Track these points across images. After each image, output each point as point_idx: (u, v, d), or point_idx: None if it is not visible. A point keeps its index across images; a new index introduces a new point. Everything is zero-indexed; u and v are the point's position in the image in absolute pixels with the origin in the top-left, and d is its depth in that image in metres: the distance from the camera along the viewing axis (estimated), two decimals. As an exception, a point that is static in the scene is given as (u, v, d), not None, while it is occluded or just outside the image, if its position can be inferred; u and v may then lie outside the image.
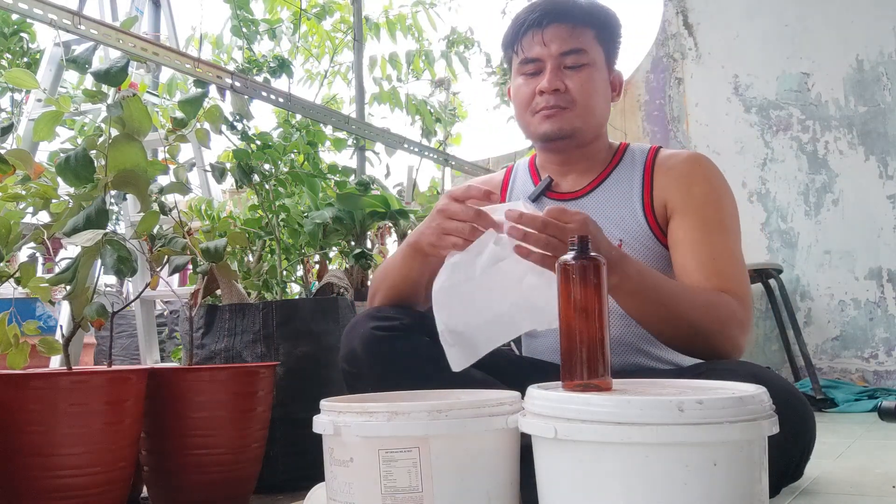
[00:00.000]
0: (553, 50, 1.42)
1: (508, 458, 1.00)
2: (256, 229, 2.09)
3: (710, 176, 1.43)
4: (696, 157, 1.46)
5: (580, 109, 1.43)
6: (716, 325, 1.25)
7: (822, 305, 3.60)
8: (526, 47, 1.45)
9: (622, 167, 1.50)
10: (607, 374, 0.92)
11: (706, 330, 1.24)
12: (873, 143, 3.56)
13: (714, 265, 1.33)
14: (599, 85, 1.45)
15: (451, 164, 3.49)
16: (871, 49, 3.58)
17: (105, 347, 2.45)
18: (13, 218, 1.36)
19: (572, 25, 1.43)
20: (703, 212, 1.38)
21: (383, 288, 1.43)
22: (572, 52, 1.42)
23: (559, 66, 1.42)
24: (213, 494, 1.47)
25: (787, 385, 1.20)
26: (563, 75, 1.42)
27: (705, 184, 1.41)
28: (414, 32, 3.42)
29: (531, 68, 1.44)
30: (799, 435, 1.16)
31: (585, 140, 1.47)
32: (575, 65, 1.42)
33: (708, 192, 1.40)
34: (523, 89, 1.46)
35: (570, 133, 1.44)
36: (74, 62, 1.46)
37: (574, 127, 1.44)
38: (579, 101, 1.42)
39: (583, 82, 1.42)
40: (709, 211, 1.38)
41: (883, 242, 3.50)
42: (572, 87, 1.42)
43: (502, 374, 1.36)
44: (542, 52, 1.43)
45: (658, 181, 1.44)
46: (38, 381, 1.22)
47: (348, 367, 1.33)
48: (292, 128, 2.30)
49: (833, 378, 3.47)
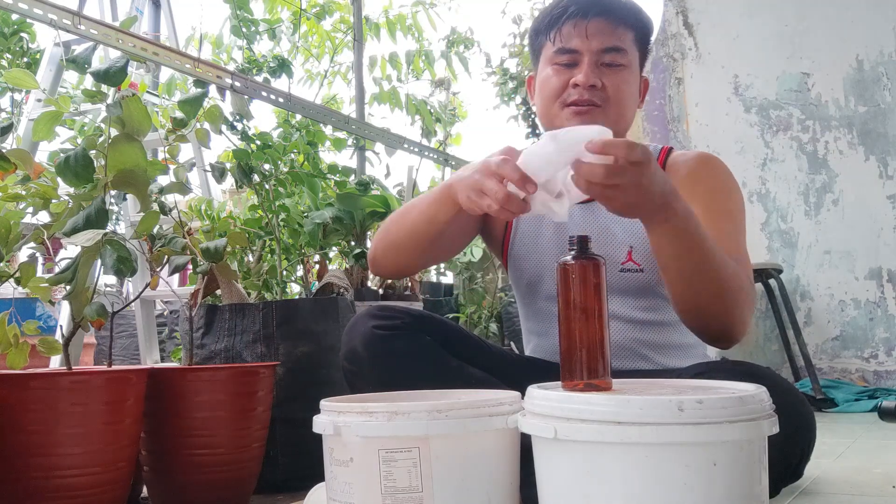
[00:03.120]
0: (594, 45, 1.36)
1: (508, 458, 1.00)
2: (256, 229, 2.09)
3: (718, 172, 1.41)
4: (705, 156, 1.45)
5: (612, 110, 1.37)
6: (736, 292, 1.19)
7: (822, 305, 3.60)
8: (565, 36, 1.38)
9: None
10: (607, 374, 0.92)
11: (728, 291, 1.18)
12: (873, 143, 3.56)
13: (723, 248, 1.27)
14: (633, 88, 1.41)
15: (451, 164, 3.49)
16: (871, 49, 3.57)
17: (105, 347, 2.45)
18: (13, 218, 1.36)
19: (616, 23, 1.37)
20: (710, 202, 1.35)
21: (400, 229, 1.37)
22: (613, 49, 1.36)
23: (597, 62, 1.37)
24: (213, 494, 1.47)
25: (787, 386, 1.19)
26: (601, 72, 1.37)
27: (713, 178, 1.40)
28: (414, 32, 3.43)
29: (566, 59, 1.38)
30: (799, 436, 1.16)
31: None
32: (613, 63, 1.37)
33: (716, 185, 1.39)
34: (553, 80, 1.39)
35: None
36: (74, 62, 1.46)
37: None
38: (613, 101, 1.37)
39: (619, 83, 1.37)
40: (716, 201, 1.36)
41: (883, 242, 3.50)
42: (609, 86, 1.36)
43: (502, 373, 1.36)
44: (582, 45, 1.36)
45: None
46: (38, 381, 1.22)
47: (349, 365, 1.33)
48: (292, 128, 2.30)
49: (833, 378, 3.47)
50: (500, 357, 1.46)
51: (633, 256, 1.39)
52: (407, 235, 1.36)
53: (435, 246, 1.37)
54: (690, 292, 1.18)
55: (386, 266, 1.46)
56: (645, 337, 1.41)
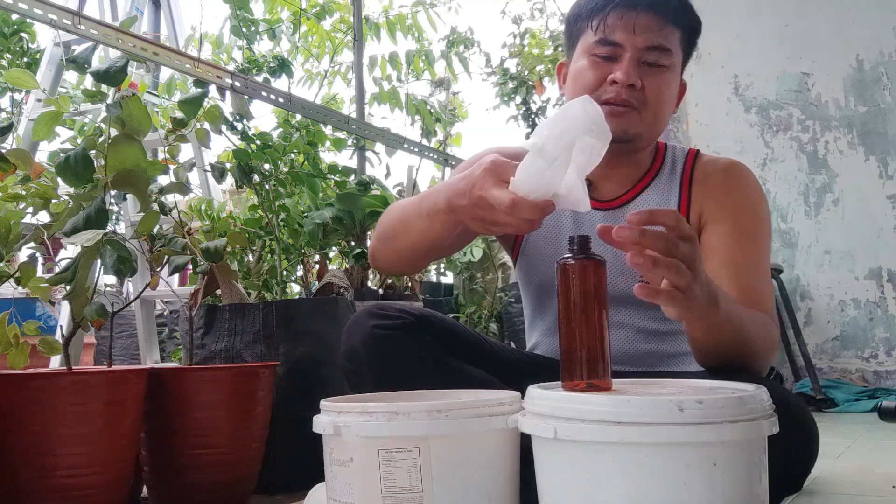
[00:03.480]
0: (640, 41, 1.26)
1: (508, 458, 1.00)
2: (256, 229, 2.09)
3: (746, 185, 1.36)
4: (733, 166, 1.39)
5: (650, 114, 1.29)
6: (766, 351, 1.19)
7: (822, 305, 3.60)
8: (609, 27, 1.28)
9: (662, 175, 1.41)
10: (607, 374, 0.92)
11: (759, 354, 1.18)
12: (873, 143, 3.56)
13: (747, 278, 1.26)
14: (673, 92, 1.33)
15: (451, 164, 3.49)
16: (871, 49, 3.58)
17: (105, 347, 2.45)
18: (13, 218, 1.36)
19: (665, 20, 1.28)
20: (737, 220, 1.31)
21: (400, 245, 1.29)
22: (658, 49, 1.27)
23: (639, 59, 1.27)
24: (213, 494, 1.46)
25: (790, 398, 1.17)
26: (642, 72, 1.28)
27: (741, 193, 1.34)
28: (414, 32, 3.43)
29: (606, 51, 1.29)
30: (804, 451, 1.13)
31: (641, 146, 1.37)
32: (656, 63, 1.28)
33: (743, 201, 1.33)
34: (589, 73, 1.30)
35: (632, 137, 1.31)
36: (74, 62, 1.46)
37: (638, 132, 1.31)
38: (651, 105, 1.29)
39: (661, 85, 1.29)
40: (743, 219, 1.31)
41: (883, 242, 3.50)
42: (649, 88, 1.28)
43: (504, 372, 1.36)
44: (627, 39, 1.27)
45: (695, 192, 1.37)
46: (38, 381, 1.22)
47: (349, 364, 1.32)
48: (292, 128, 2.30)
49: (833, 378, 3.47)
50: (502, 356, 1.45)
51: None
52: (409, 249, 1.29)
53: (438, 252, 1.35)
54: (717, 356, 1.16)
55: (386, 269, 1.45)
56: (657, 347, 1.39)
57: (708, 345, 1.13)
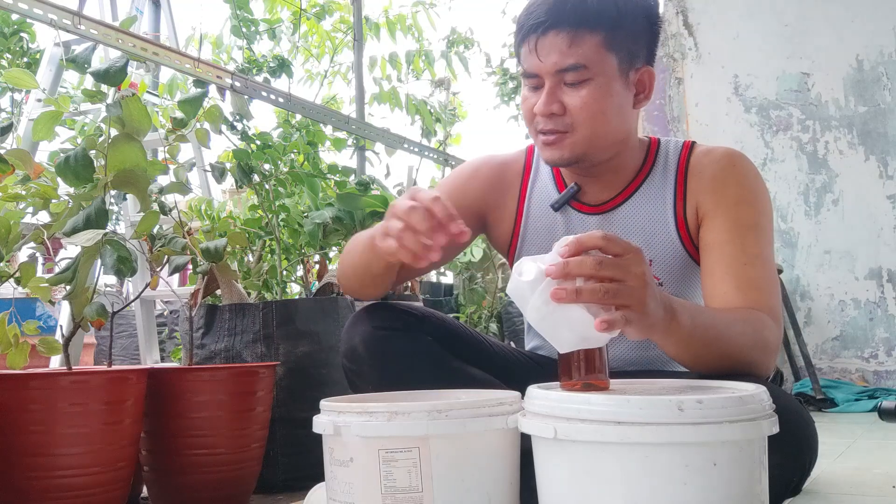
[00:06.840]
0: (548, 67, 1.22)
1: (508, 458, 1.00)
2: (256, 229, 2.09)
3: (744, 175, 1.31)
4: (730, 156, 1.33)
5: (582, 134, 1.24)
6: (756, 355, 1.14)
7: (822, 305, 3.60)
8: (524, 58, 1.26)
9: (655, 174, 1.37)
10: (605, 373, 0.92)
11: (746, 359, 1.13)
12: (873, 143, 3.56)
13: (745, 274, 1.21)
14: (609, 100, 1.24)
15: (451, 164, 3.49)
16: (871, 49, 3.57)
17: (105, 347, 2.45)
18: (13, 218, 1.36)
19: (573, 32, 1.21)
20: (735, 212, 1.26)
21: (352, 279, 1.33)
22: (570, 68, 1.21)
23: (559, 82, 1.23)
24: (213, 494, 1.47)
25: (790, 404, 1.13)
26: (563, 93, 1.23)
27: (739, 185, 1.29)
28: (414, 32, 3.43)
29: (531, 83, 1.27)
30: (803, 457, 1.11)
31: (598, 160, 1.31)
32: (575, 81, 1.22)
33: (742, 192, 1.28)
34: (525, 104, 1.29)
35: (574, 160, 1.28)
36: (74, 62, 1.45)
37: (577, 154, 1.27)
38: (581, 124, 1.24)
39: (585, 101, 1.22)
40: (740, 211, 1.27)
41: (883, 242, 3.50)
42: (572, 108, 1.23)
43: (504, 372, 1.35)
44: (539, 67, 1.23)
45: (691, 185, 1.33)
46: (38, 381, 1.22)
47: (349, 363, 1.32)
48: (292, 128, 2.30)
49: (833, 378, 3.47)
50: (502, 356, 1.45)
51: (653, 269, 1.33)
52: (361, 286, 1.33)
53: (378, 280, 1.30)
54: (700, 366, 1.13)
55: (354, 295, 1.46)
56: (659, 354, 1.38)
57: (683, 359, 1.10)
